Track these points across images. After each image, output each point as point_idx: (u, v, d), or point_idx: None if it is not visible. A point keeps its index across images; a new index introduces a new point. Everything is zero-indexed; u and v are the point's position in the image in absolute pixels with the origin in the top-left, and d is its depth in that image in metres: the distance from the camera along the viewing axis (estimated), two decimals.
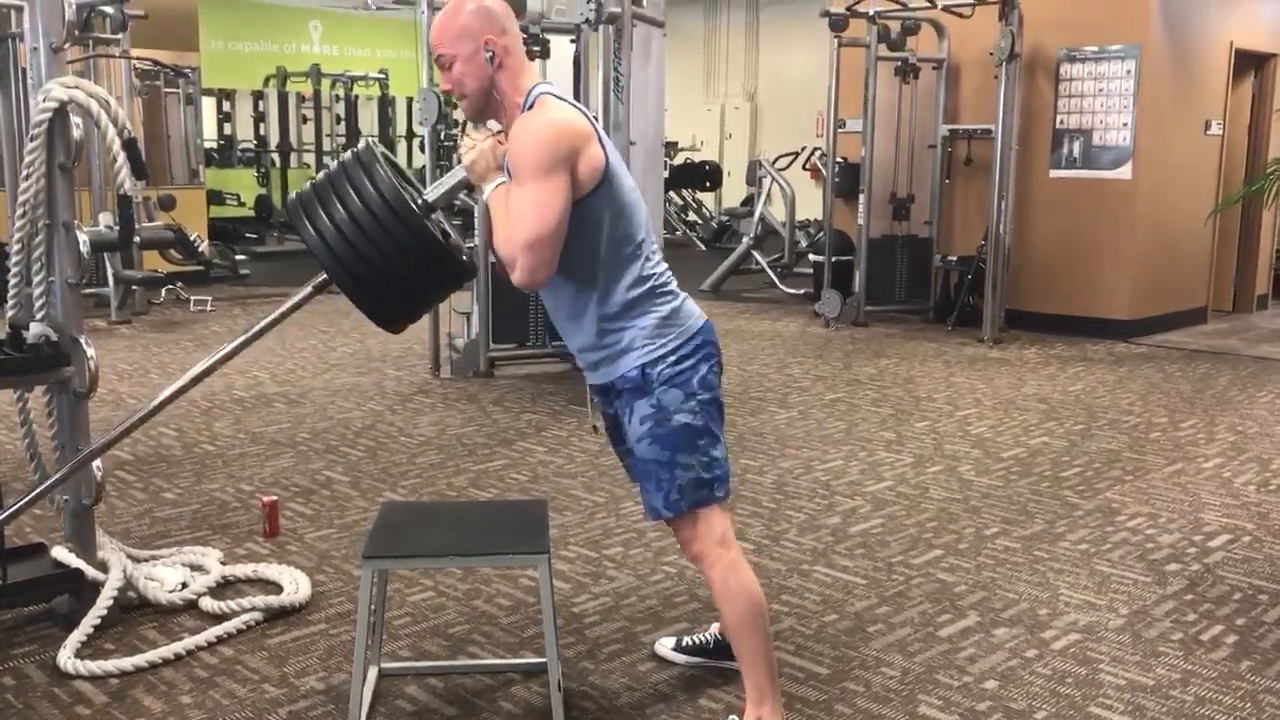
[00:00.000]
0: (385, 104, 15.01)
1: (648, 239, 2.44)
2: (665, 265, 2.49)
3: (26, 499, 2.86)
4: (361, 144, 2.46)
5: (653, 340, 2.40)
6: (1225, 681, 2.91)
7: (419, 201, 2.38)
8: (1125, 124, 7.81)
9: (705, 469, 2.42)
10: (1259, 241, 9.31)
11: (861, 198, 8.26)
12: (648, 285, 2.41)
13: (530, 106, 2.35)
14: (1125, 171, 7.83)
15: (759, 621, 2.45)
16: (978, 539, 3.93)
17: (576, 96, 6.33)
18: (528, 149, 2.26)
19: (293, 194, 2.44)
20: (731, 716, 2.51)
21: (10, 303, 3.11)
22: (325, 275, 2.40)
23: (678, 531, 2.49)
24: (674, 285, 2.48)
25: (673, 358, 2.40)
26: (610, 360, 2.43)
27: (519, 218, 2.25)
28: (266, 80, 14.49)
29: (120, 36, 8.19)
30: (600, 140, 2.34)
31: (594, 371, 2.50)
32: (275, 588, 3.38)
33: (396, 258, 2.30)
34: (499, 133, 2.39)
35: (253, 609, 3.18)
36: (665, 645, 3.00)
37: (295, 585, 3.35)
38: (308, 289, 2.51)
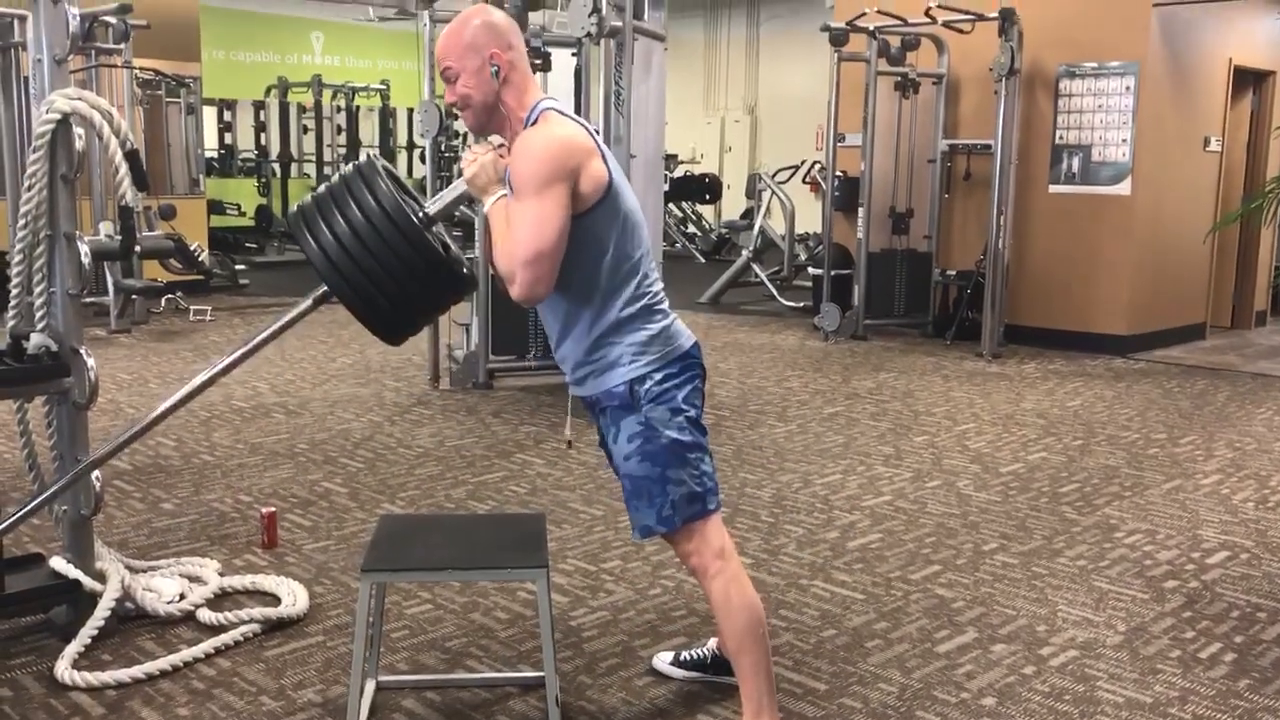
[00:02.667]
0: (386, 115, 15.05)
1: (646, 256, 2.45)
2: (660, 284, 2.51)
3: (24, 510, 2.86)
4: (363, 157, 2.48)
5: (640, 357, 2.41)
6: (1223, 699, 2.91)
7: (420, 214, 2.39)
8: (1124, 140, 7.83)
9: (696, 483, 2.43)
10: (1257, 258, 9.33)
11: (861, 211, 8.28)
12: (642, 303, 2.42)
13: (534, 122, 2.37)
14: (1124, 187, 7.85)
15: (758, 635, 2.45)
16: (976, 554, 3.93)
17: (578, 110, 6.34)
18: (529, 165, 2.28)
19: (294, 205, 2.45)
20: None
21: (11, 313, 3.11)
22: (326, 287, 2.41)
23: (677, 546, 2.49)
24: (666, 305, 2.50)
25: (659, 375, 2.41)
26: (597, 374, 2.45)
27: (519, 233, 2.27)
28: (268, 90, 14.52)
29: (122, 46, 8.21)
30: (603, 156, 2.36)
31: (579, 385, 2.51)
32: (273, 599, 3.37)
33: (397, 270, 2.32)
34: (501, 146, 2.41)
35: (250, 621, 3.18)
36: (663, 660, 2.99)
37: (293, 597, 3.35)
38: (308, 302, 2.51)
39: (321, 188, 2.43)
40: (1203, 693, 2.95)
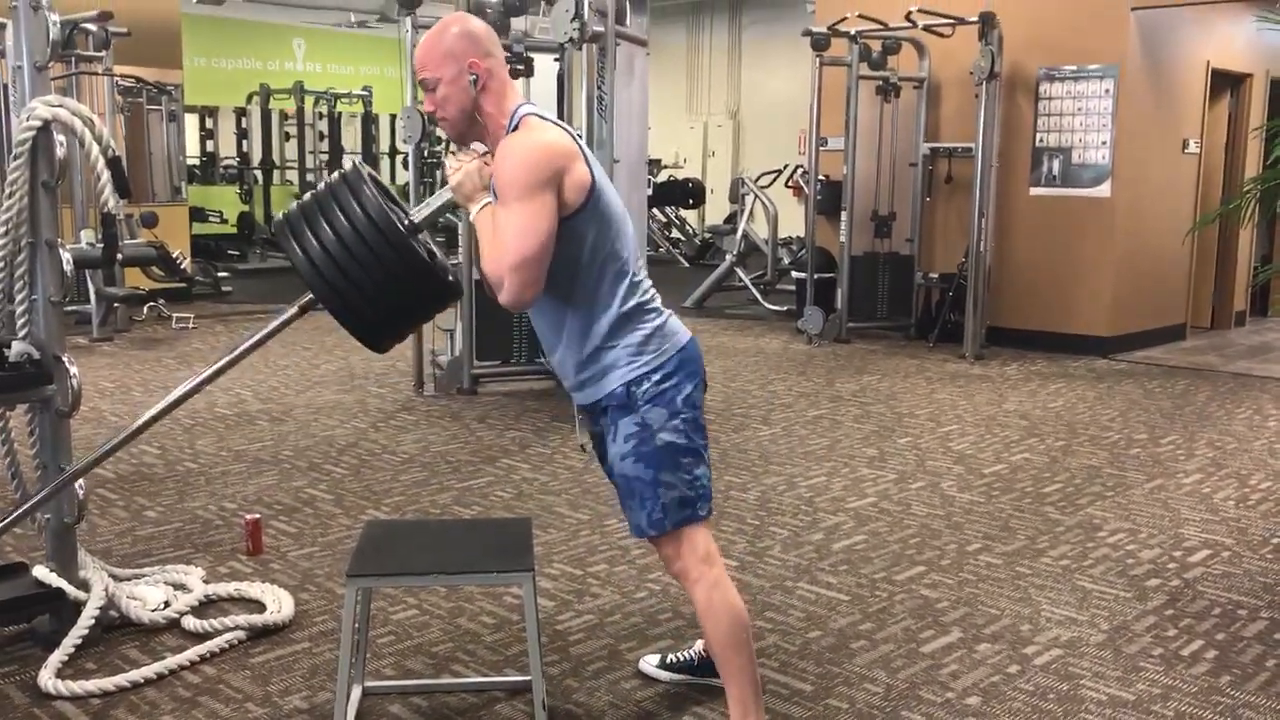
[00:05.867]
0: (368, 121, 15.03)
1: (633, 257, 2.46)
2: (650, 284, 2.51)
3: (5, 521, 2.84)
4: (348, 165, 2.46)
5: (637, 358, 2.41)
6: (1205, 696, 2.94)
7: (405, 222, 2.39)
8: (1104, 142, 7.88)
9: (688, 487, 2.43)
10: (1236, 259, 9.40)
11: (843, 215, 8.30)
12: (633, 303, 2.42)
13: (515, 128, 2.37)
14: (1104, 189, 7.90)
15: (742, 639, 2.46)
16: (960, 555, 3.95)
17: (561, 115, 6.35)
18: (513, 170, 2.28)
19: (279, 213, 2.45)
20: None
21: None
22: (312, 295, 2.41)
23: (661, 549, 2.50)
24: (659, 303, 2.50)
25: (657, 375, 2.41)
26: (595, 380, 2.45)
27: (505, 239, 2.27)
28: (249, 97, 14.49)
29: (103, 54, 8.19)
30: (586, 159, 2.36)
31: (579, 391, 2.51)
32: (258, 606, 3.37)
33: (382, 278, 2.32)
34: (485, 154, 2.41)
35: (236, 628, 3.17)
36: (649, 662, 3.00)
37: (278, 604, 3.34)
38: (294, 309, 2.52)
39: (307, 195, 2.43)
40: (1185, 690, 2.97)
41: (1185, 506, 4.57)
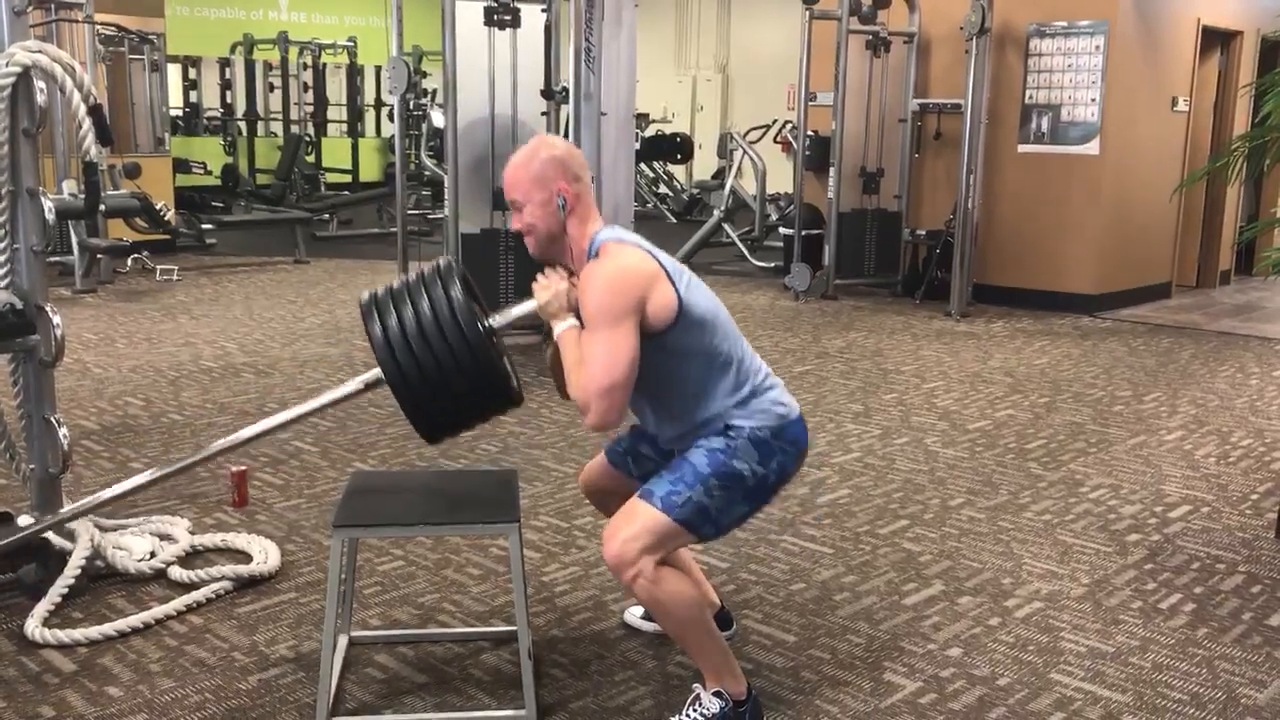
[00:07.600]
0: (353, 72, 14.88)
1: (736, 344, 2.50)
2: (760, 362, 2.55)
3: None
4: (443, 260, 2.51)
5: (750, 419, 2.46)
6: (1183, 648, 2.98)
7: (485, 325, 2.45)
8: (1093, 100, 7.86)
9: (718, 511, 2.43)
10: (1223, 218, 9.41)
11: (832, 171, 8.27)
12: (746, 389, 2.48)
13: (595, 255, 2.43)
14: (1093, 147, 7.88)
15: (693, 619, 2.43)
16: (943, 509, 3.98)
17: (548, 67, 6.30)
18: (596, 299, 2.35)
19: (365, 293, 2.51)
20: (696, 685, 2.54)
21: None
22: (380, 374, 2.46)
23: (633, 520, 2.39)
24: (771, 379, 2.54)
25: (768, 432, 2.46)
26: (697, 438, 2.49)
27: (592, 367, 2.33)
28: (233, 47, 14.32)
29: (84, 1, 8.06)
30: (669, 273, 2.41)
31: (673, 442, 2.56)
32: (244, 557, 3.38)
33: (453, 372, 2.37)
34: (572, 275, 2.49)
35: (222, 578, 3.18)
36: (634, 613, 3.03)
37: (265, 554, 3.35)
38: (358, 384, 2.61)
39: (398, 281, 2.49)
40: (1163, 642, 3.01)
41: (1167, 463, 4.61)
